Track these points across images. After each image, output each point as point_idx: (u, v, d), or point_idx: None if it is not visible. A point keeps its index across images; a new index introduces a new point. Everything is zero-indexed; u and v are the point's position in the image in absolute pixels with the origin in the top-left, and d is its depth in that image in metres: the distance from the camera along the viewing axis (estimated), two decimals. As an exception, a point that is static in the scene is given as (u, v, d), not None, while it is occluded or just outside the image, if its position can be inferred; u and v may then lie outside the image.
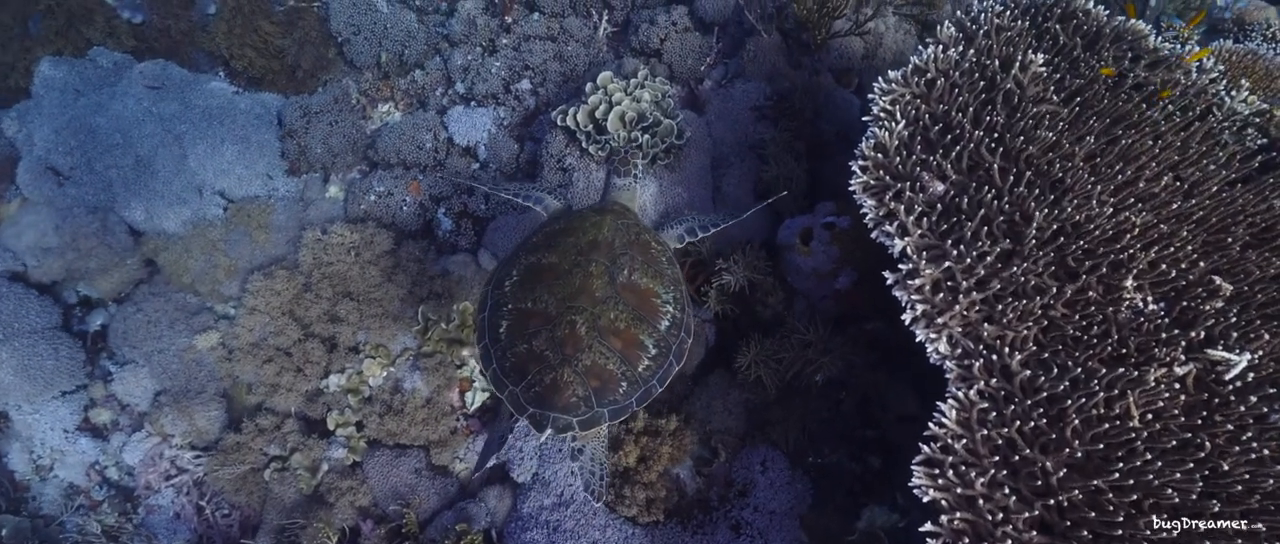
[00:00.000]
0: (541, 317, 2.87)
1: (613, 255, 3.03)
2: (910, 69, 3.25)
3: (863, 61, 4.98)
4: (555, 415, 2.75)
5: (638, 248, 3.11)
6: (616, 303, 2.91)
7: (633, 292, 2.99)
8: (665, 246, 3.32)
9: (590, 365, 2.79)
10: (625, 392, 2.84)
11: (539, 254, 3.07)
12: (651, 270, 3.07)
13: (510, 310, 2.95)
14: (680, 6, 4.95)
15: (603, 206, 3.39)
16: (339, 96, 5.15)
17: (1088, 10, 3.29)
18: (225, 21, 5.26)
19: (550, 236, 3.15)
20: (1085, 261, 2.68)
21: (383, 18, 5.22)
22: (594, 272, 2.94)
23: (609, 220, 3.15)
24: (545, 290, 2.92)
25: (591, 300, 2.87)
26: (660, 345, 2.95)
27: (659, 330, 2.97)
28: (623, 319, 2.88)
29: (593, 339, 2.81)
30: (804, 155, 4.48)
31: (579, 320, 2.82)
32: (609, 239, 3.07)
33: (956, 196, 2.90)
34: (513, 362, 2.87)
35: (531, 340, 2.84)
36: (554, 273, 2.96)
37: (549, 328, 2.83)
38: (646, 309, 2.98)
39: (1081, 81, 3.07)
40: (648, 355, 2.91)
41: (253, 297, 4.57)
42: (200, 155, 4.82)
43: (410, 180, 4.77)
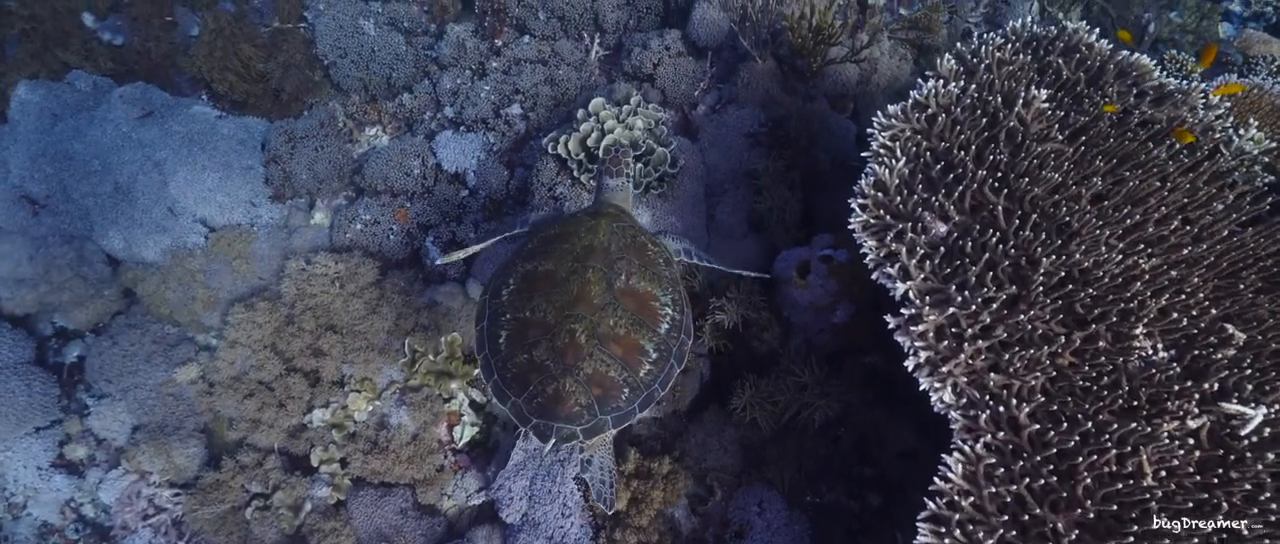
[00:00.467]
0: (541, 326, 2.85)
1: (609, 260, 3.00)
2: (910, 104, 3.17)
3: (858, 87, 4.91)
4: (559, 425, 2.74)
5: (634, 251, 3.09)
6: (615, 309, 2.89)
7: (631, 296, 2.96)
8: (662, 247, 3.29)
9: (592, 373, 2.78)
10: (628, 398, 2.84)
11: (535, 261, 3.03)
12: (649, 273, 3.05)
13: (509, 320, 2.93)
14: (674, 31, 4.87)
15: (597, 209, 3.33)
16: (325, 120, 5.03)
17: (1091, 44, 3.22)
18: (206, 44, 5.13)
19: (546, 242, 3.11)
20: (1094, 309, 2.59)
21: (370, 40, 5.11)
22: (592, 278, 2.91)
23: (604, 224, 3.11)
24: (543, 299, 2.89)
25: (590, 307, 2.85)
26: (660, 349, 2.94)
27: (659, 334, 2.96)
28: (622, 325, 2.88)
29: (593, 347, 2.80)
30: (799, 185, 4.40)
31: (579, 329, 2.80)
32: (605, 243, 3.03)
33: (960, 239, 2.81)
34: (514, 372, 2.85)
35: (532, 350, 2.82)
36: (551, 280, 2.94)
37: (549, 337, 2.81)
38: (646, 313, 2.97)
39: (1086, 118, 3.00)
40: (648, 360, 2.90)
41: (234, 329, 4.43)
42: (181, 182, 4.68)
43: (397, 208, 4.65)
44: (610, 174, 3.47)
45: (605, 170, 3.49)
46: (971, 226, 2.83)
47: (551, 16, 5.14)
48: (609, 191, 3.50)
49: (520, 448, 3.95)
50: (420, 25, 5.48)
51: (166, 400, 4.46)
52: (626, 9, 5.11)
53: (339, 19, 5.10)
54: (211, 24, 5.21)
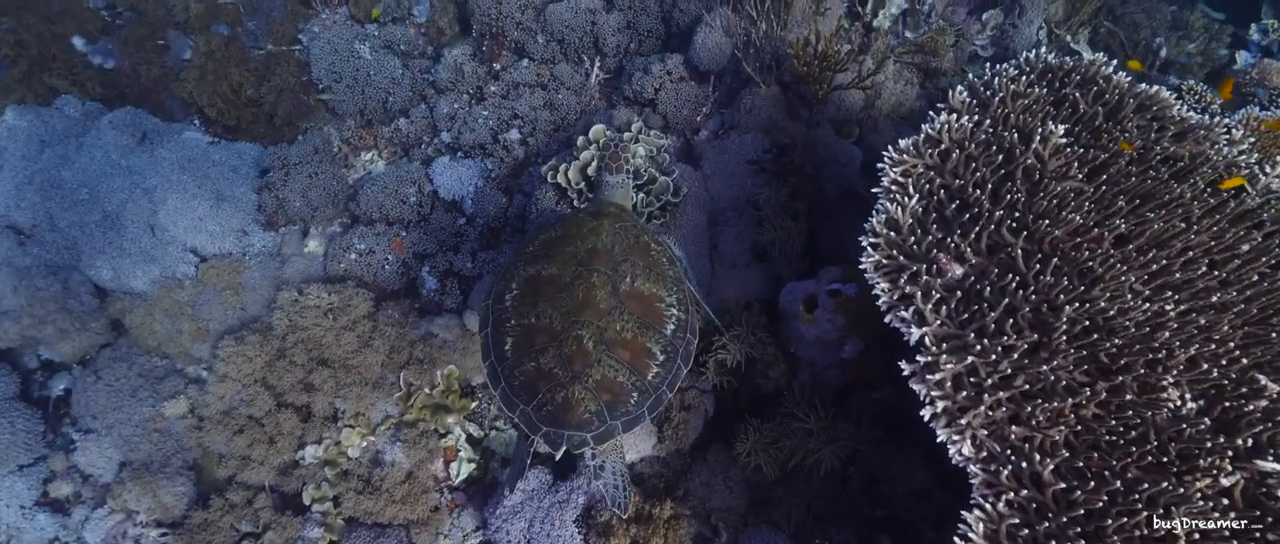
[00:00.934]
0: (547, 332, 2.84)
1: (614, 263, 2.97)
2: (922, 138, 3.06)
3: (862, 112, 4.81)
4: (569, 433, 2.75)
5: (638, 252, 3.06)
6: (621, 313, 2.89)
7: (637, 299, 2.95)
8: (665, 246, 3.27)
9: (600, 380, 2.78)
10: (636, 402, 2.84)
11: (538, 265, 3.00)
12: (653, 274, 3.03)
13: (513, 327, 2.91)
14: (675, 55, 4.77)
15: (598, 209, 3.29)
16: (319, 146, 4.92)
17: (1108, 76, 3.12)
18: (199, 68, 5.03)
19: (547, 245, 3.07)
20: (1120, 358, 2.47)
21: (366, 64, 5.01)
22: (596, 282, 2.89)
23: (607, 225, 3.07)
24: (548, 304, 2.87)
25: (596, 313, 2.84)
26: (667, 350, 2.94)
27: (665, 335, 2.96)
28: (629, 329, 2.87)
29: (600, 353, 2.80)
30: (803, 214, 4.29)
31: (585, 335, 2.80)
32: (608, 246, 3.00)
33: (977, 282, 2.70)
34: (521, 380, 2.84)
35: (538, 358, 2.81)
36: (555, 285, 2.91)
37: (555, 344, 2.80)
38: (651, 315, 2.96)
39: (1106, 155, 2.89)
40: (656, 362, 2.90)
41: (223, 363, 4.30)
42: (171, 211, 4.57)
43: (393, 237, 4.54)
44: (610, 170, 3.42)
45: (605, 166, 3.43)
46: (989, 269, 2.72)
47: (551, 40, 5.05)
48: (609, 188, 3.44)
49: (520, 489, 3.82)
50: (417, 48, 5.39)
51: (153, 436, 4.33)
52: (627, 32, 5.02)
53: (334, 42, 5.00)
54: (204, 47, 5.11)
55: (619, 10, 5.02)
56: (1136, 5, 5.32)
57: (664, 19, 5.01)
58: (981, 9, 5.14)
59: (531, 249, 3.11)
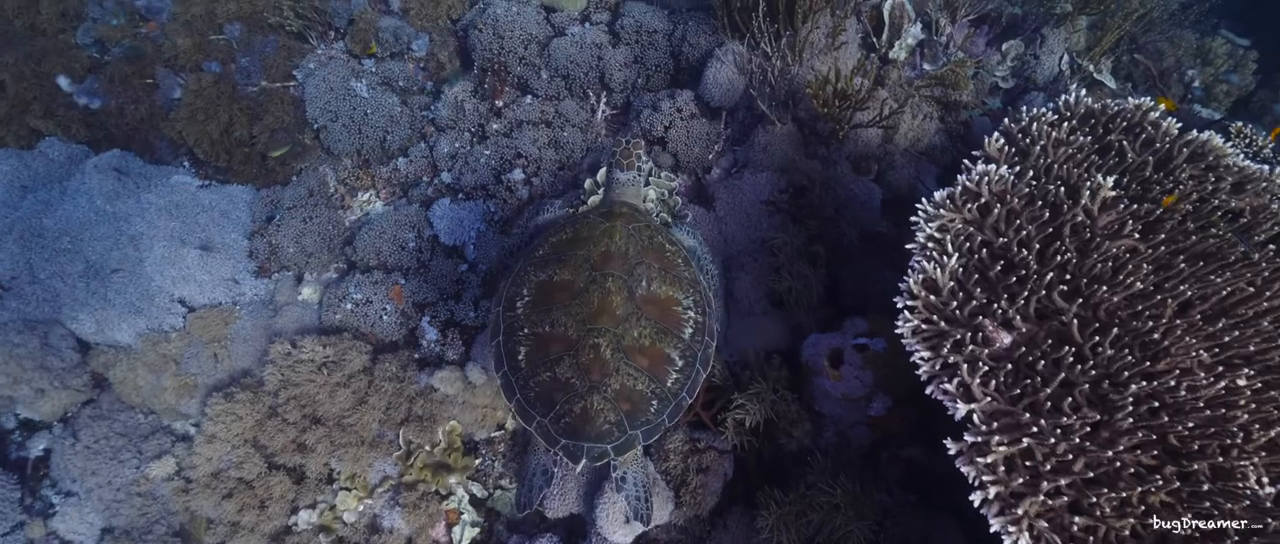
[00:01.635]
0: (562, 341, 2.75)
1: (629, 266, 2.87)
2: (959, 191, 2.85)
3: (880, 147, 4.61)
4: (589, 445, 2.68)
5: (653, 254, 2.96)
6: (639, 319, 2.80)
7: (653, 303, 2.86)
8: (679, 245, 3.17)
9: (619, 388, 2.70)
10: (656, 409, 2.77)
11: (549, 269, 2.90)
12: (670, 276, 2.94)
13: (527, 335, 2.82)
14: (686, 92, 4.58)
15: (610, 209, 3.14)
16: (314, 189, 4.71)
17: (1156, 122, 2.92)
18: (189, 107, 4.83)
19: (558, 248, 2.97)
20: (1192, 441, 2.25)
21: (363, 103, 4.81)
22: (612, 287, 2.80)
23: (619, 226, 2.96)
24: (562, 311, 2.79)
25: (613, 319, 2.75)
26: (686, 355, 2.85)
27: (683, 340, 2.87)
28: (647, 335, 2.79)
29: (618, 361, 2.71)
30: (822, 259, 4.07)
31: (603, 343, 2.71)
32: (623, 248, 2.90)
33: (1028, 352, 2.47)
34: (537, 391, 2.76)
35: (555, 367, 2.73)
36: (569, 291, 2.82)
37: (572, 353, 2.72)
38: (669, 320, 2.87)
39: (1160, 210, 2.68)
40: (675, 368, 2.82)
41: (211, 422, 4.06)
42: (158, 259, 4.34)
43: (392, 286, 4.31)
44: (620, 167, 3.28)
45: (616, 163, 3.29)
46: (1041, 338, 2.50)
47: (555, 75, 4.86)
48: (619, 186, 3.32)
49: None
50: (416, 84, 5.19)
51: (137, 500, 4.08)
52: (634, 67, 4.82)
53: (329, 80, 4.80)
54: (194, 86, 4.91)
55: (626, 45, 4.83)
56: (1160, 34, 5.14)
57: (673, 53, 4.83)
58: (1001, 39, 4.96)
59: (542, 253, 2.99)
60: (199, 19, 5.24)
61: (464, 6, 5.28)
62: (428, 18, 5.23)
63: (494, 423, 4.24)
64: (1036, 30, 4.88)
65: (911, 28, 4.87)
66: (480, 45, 4.89)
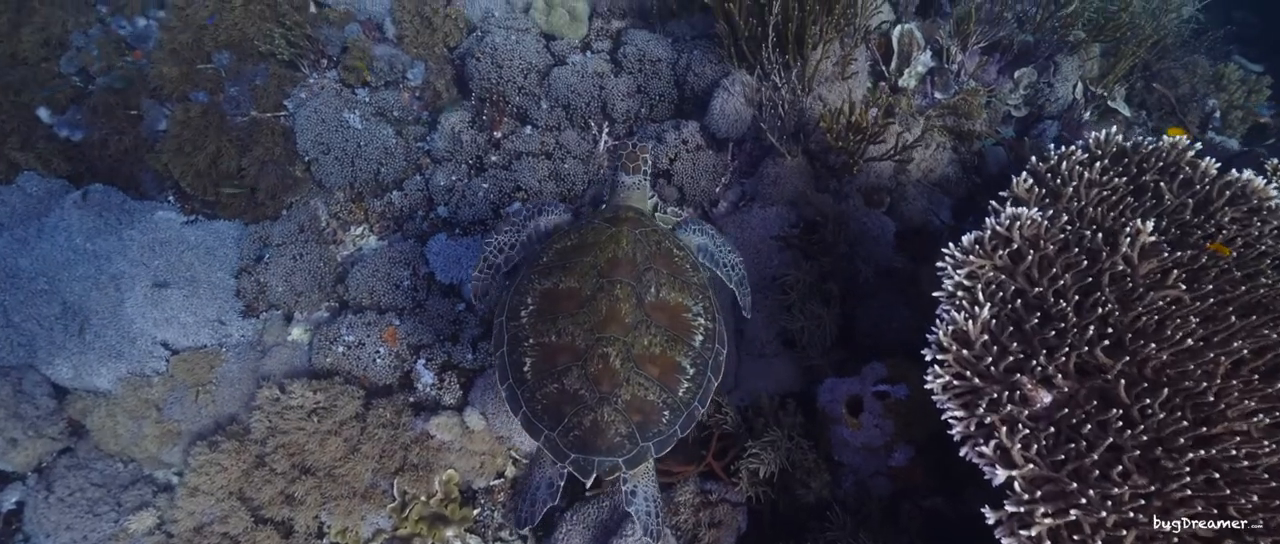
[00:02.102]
0: (569, 351, 2.67)
1: (637, 272, 2.79)
2: (988, 235, 2.70)
3: (892, 179, 4.47)
4: (600, 459, 2.59)
5: (661, 259, 2.88)
6: (648, 327, 2.71)
7: (663, 310, 2.78)
8: (687, 250, 3.09)
9: (630, 399, 2.62)
10: (668, 420, 2.69)
11: (554, 277, 2.82)
12: (678, 282, 2.86)
13: (532, 345, 2.74)
14: (691, 122, 4.43)
15: (615, 214, 3.06)
16: (305, 224, 4.53)
17: (1194, 162, 2.78)
18: (175, 138, 4.65)
19: (563, 255, 2.89)
20: (1255, 514, 2.07)
21: (356, 134, 4.64)
22: (620, 294, 2.71)
23: (626, 231, 2.88)
24: (569, 320, 2.71)
25: (622, 328, 2.67)
26: (697, 363, 2.78)
27: (694, 347, 2.79)
28: (657, 343, 2.71)
29: (629, 371, 2.63)
30: (836, 297, 3.91)
31: (612, 352, 2.63)
32: (630, 254, 2.82)
33: (1070, 413, 2.30)
34: (544, 403, 2.67)
35: (562, 379, 2.65)
36: (575, 299, 2.74)
37: (580, 363, 2.64)
38: (679, 327, 2.79)
39: (1205, 257, 2.53)
40: (686, 377, 2.74)
41: (195, 473, 3.85)
42: (140, 301, 4.15)
43: (385, 327, 4.12)
44: (626, 171, 3.23)
45: (621, 166, 3.25)
46: (1083, 397, 2.33)
47: (555, 106, 4.71)
48: (624, 190, 3.26)
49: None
50: (412, 114, 5.03)
51: (115, 557, 3.85)
52: (638, 97, 4.68)
53: (321, 112, 4.63)
54: (181, 116, 4.73)
55: (628, 74, 4.69)
56: (1173, 61, 5.04)
57: (677, 83, 4.68)
58: (1012, 67, 4.84)
59: (546, 260, 2.91)
60: (186, 47, 5.08)
61: (461, 34, 5.14)
62: (423, 46, 5.09)
63: (493, 471, 4.04)
64: (1049, 58, 4.77)
65: (921, 56, 4.75)
66: (478, 74, 4.74)
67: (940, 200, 4.57)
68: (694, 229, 3.32)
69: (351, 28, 5.19)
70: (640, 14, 5.07)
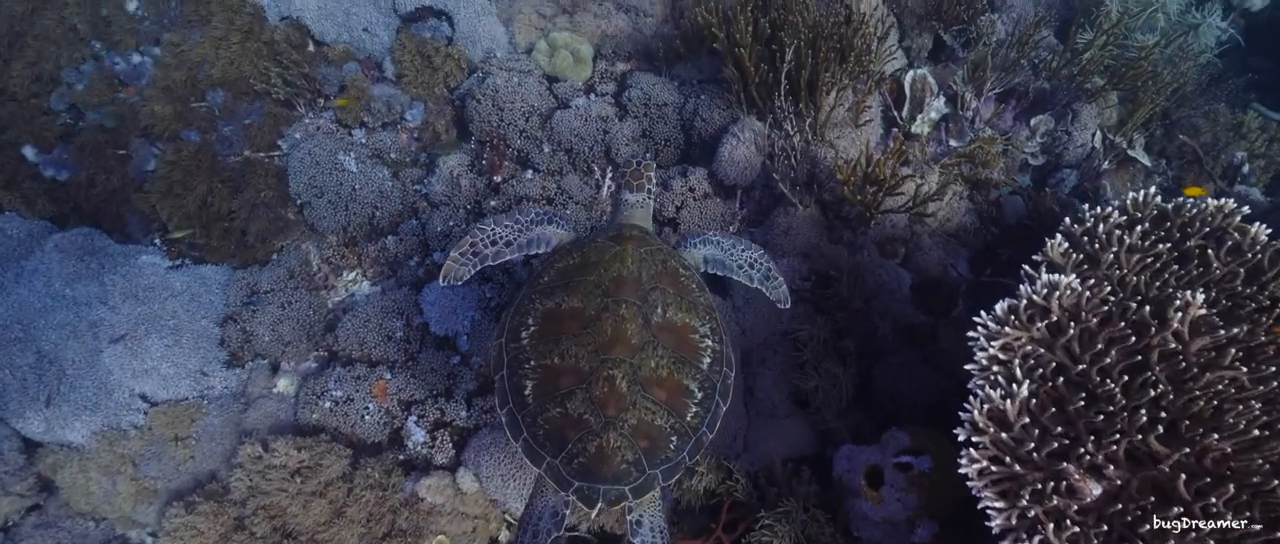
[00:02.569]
0: (573, 373, 2.56)
1: (642, 292, 2.68)
2: (1024, 304, 2.50)
3: (907, 228, 4.30)
4: (606, 487, 2.46)
5: (667, 278, 2.78)
6: (655, 348, 2.61)
7: (669, 331, 2.67)
8: (692, 270, 3.00)
9: (637, 424, 2.51)
10: (676, 446, 2.57)
11: (557, 297, 2.71)
12: (685, 302, 2.76)
13: (534, 368, 2.62)
14: (699, 168, 4.28)
15: (619, 233, 2.94)
16: (295, 270, 4.34)
17: (1243, 228, 2.60)
18: (164, 179, 4.49)
19: (565, 274, 2.78)
20: (1337, 633, 1.85)
21: (351, 178, 4.48)
22: (625, 314, 2.61)
23: (630, 250, 2.77)
24: (572, 341, 2.60)
25: (628, 349, 2.56)
26: (705, 387, 2.67)
27: (702, 370, 2.68)
28: (664, 366, 2.60)
29: (635, 394, 2.52)
30: (852, 355, 3.71)
31: (618, 374, 2.52)
32: (635, 273, 2.71)
33: (1124, 510, 2.09)
34: (546, 429, 2.55)
35: (566, 402, 2.54)
36: (578, 319, 2.64)
37: (584, 386, 2.53)
38: (686, 348, 2.68)
39: (1263, 335, 2.34)
40: (694, 401, 2.63)
41: (169, 537, 3.60)
42: (118, 351, 3.95)
43: (375, 381, 3.91)
44: (630, 188, 3.16)
45: (625, 184, 3.18)
46: (1137, 491, 2.12)
47: (558, 150, 4.55)
48: (628, 208, 3.17)
49: None
50: (409, 155, 4.88)
51: (79, 629, 3.59)
52: (642, 142, 4.53)
53: (315, 154, 4.48)
54: (171, 156, 4.58)
55: (633, 118, 4.54)
56: (1193, 109, 4.90)
57: (683, 128, 4.54)
58: (1028, 114, 4.71)
59: (547, 279, 2.81)
60: (180, 84, 4.95)
61: (462, 74, 5.01)
62: (423, 86, 4.96)
63: (486, 536, 3.81)
64: (1067, 105, 4.63)
65: (934, 101, 4.62)
66: (478, 116, 4.59)
67: (957, 251, 4.39)
68: (697, 242, 3.20)
69: (350, 67, 5.07)
70: (646, 57, 4.95)
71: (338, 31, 5.04)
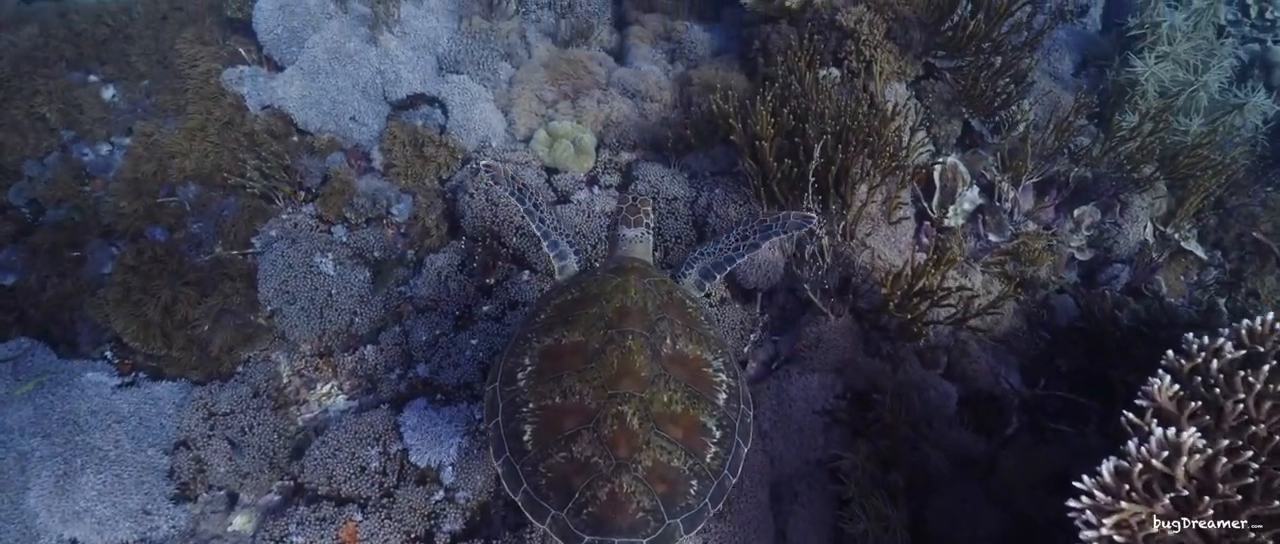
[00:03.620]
0: (578, 412, 2.30)
1: (649, 322, 2.47)
2: (1138, 470, 2.01)
3: (950, 334, 3.84)
4: (621, 541, 2.14)
5: (674, 309, 2.59)
6: (667, 381, 2.36)
7: (681, 364, 2.44)
8: (698, 302, 2.85)
9: (652, 466, 2.22)
10: (697, 491, 2.28)
11: (555, 333, 2.48)
12: (695, 334, 2.54)
13: (533, 411, 2.35)
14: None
15: (619, 265, 2.81)
16: (260, 387, 3.86)
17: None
18: (119, 285, 4.04)
19: (563, 310, 2.58)
20: None
21: (328, 282, 4.04)
22: (633, 346, 2.37)
23: (634, 280, 2.59)
24: (575, 378, 2.35)
25: (638, 382, 2.31)
26: (723, 425, 2.40)
27: (718, 406, 2.43)
28: (678, 401, 2.35)
29: (649, 432, 2.26)
30: (902, 490, 3.19)
31: (629, 410, 2.26)
32: (640, 303, 2.51)
33: None
34: (550, 477, 2.25)
35: (571, 446, 2.26)
36: (581, 354, 2.40)
37: (591, 425, 2.26)
38: (700, 383, 2.44)
39: None
40: (713, 440, 2.37)
41: None
42: (47, 488, 3.42)
43: (343, 523, 3.36)
44: (628, 224, 3.04)
45: (623, 219, 3.06)
46: None
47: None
48: (626, 243, 3.05)
49: None
50: (395, 252, 4.46)
51: None
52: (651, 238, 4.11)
53: (288, 256, 4.06)
54: (130, 259, 4.14)
55: (641, 213, 4.14)
56: (1248, 195, 4.52)
57: (695, 224, 4.13)
58: (1071, 204, 4.32)
59: (544, 317, 2.60)
60: (149, 178, 4.59)
61: (455, 165, 4.65)
62: (413, 177, 4.58)
63: None
64: (1114, 195, 4.24)
65: (967, 192, 4.23)
66: (471, 212, 4.20)
67: (1006, 359, 3.92)
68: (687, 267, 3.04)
69: (335, 157, 4.71)
70: (653, 146, 4.59)
71: (323, 120, 4.71)
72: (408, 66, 4.75)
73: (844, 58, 4.22)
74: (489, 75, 4.90)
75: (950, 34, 4.17)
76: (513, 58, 5.13)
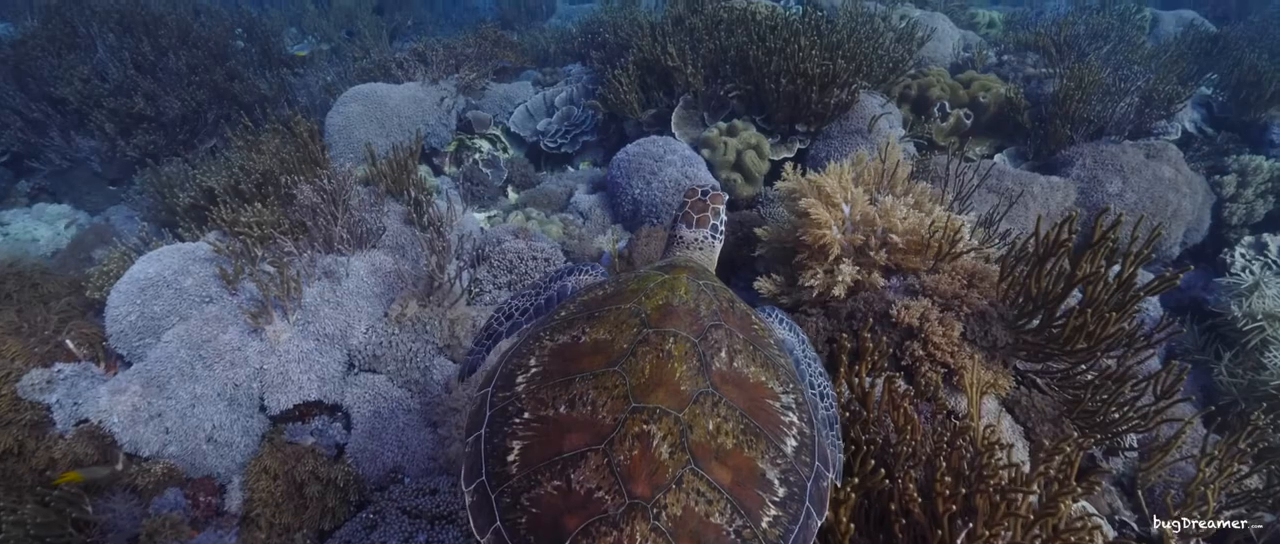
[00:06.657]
0: (587, 429, 1.56)
1: (700, 328, 1.76)
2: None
3: None
4: None
5: (733, 319, 1.86)
6: (716, 403, 1.61)
7: (737, 386, 1.69)
8: (768, 326, 2.09)
9: (681, 516, 1.43)
10: None
11: (575, 328, 1.81)
12: (760, 355, 1.80)
13: (528, 422, 1.63)
14: None
15: (671, 263, 2.15)
16: None
17: None
18: None
19: (589, 306, 1.91)
20: None
21: None
22: (674, 351, 1.66)
23: (685, 278, 1.91)
24: (589, 383, 1.64)
25: (675, 397, 1.57)
26: (789, 480, 1.57)
27: (785, 454, 1.61)
28: (728, 432, 1.58)
29: (682, 466, 1.48)
30: None
31: (656, 431, 1.51)
32: (690, 303, 1.82)
33: None
34: (532, 514, 1.48)
35: (569, 471, 1.51)
36: (603, 353, 1.71)
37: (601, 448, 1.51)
38: (762, 416, 1.66)
39: None
40: (773, 496, 1.53)
41: None
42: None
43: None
44: (689, 223, 2.38)
45: (683, 218, 2.41)
46: None
47: None
48: (684, 247, 2.37)
49: None
50: None
51: None
52: None
53: None
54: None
55: None
56: None
57: None
58: None
59: (564, 314, 1.92)
60: None
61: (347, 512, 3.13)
62: (281, 532, 3.03)
63: None
64: None
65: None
66: None
67: None
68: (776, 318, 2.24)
69: (169, 496, 3.18)
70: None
71: (163, 442, 3.25)
72: (301, 365, 3.46)
73: (906, 365, 3.06)
74: (416, 377, 3.61)
75: (1040, 329, 3.08)
76: (453, 352, 3.90)
